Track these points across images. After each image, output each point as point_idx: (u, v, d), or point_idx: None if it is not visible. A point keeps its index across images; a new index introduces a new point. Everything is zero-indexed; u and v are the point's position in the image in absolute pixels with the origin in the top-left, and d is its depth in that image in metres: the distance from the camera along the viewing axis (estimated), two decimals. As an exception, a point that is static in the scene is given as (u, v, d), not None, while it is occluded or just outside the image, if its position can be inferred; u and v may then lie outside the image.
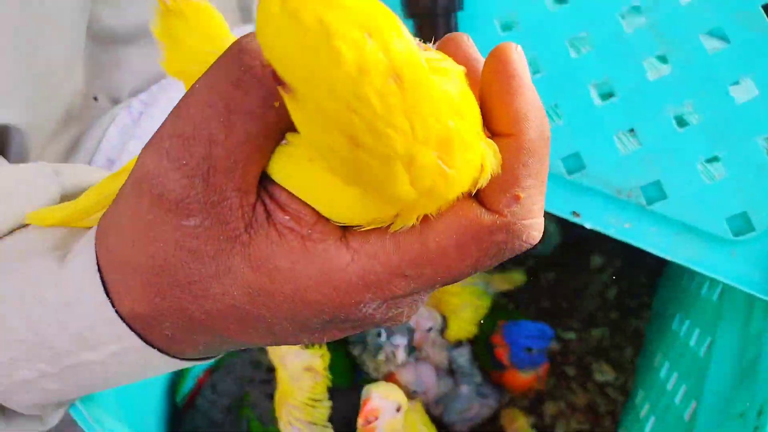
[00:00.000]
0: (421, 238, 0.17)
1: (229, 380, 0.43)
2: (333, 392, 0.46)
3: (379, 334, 0.48)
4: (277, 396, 0.42)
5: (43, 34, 0.39)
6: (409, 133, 0.14)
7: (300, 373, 0.42)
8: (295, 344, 0.26)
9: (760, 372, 0.32)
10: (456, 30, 0.39)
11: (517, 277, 0.58)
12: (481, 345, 0.52)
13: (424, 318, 0.52)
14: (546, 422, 0.52)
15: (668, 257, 0.35)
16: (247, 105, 0.16)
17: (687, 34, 0.35)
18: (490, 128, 0.17)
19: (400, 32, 0.13)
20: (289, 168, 0.17)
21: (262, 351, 0.45)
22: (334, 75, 0.12)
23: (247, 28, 0.48)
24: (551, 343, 0.50)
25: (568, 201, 0.37)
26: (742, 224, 0.34)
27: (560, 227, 0.62)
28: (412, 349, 0.50)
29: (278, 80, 0.13)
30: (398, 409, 0.40)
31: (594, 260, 0.65)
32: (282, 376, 0.42)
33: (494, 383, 0.52)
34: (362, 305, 0.18)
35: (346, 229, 0.18)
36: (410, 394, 0.49)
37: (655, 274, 0.61)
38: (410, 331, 0.50)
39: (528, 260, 0.64)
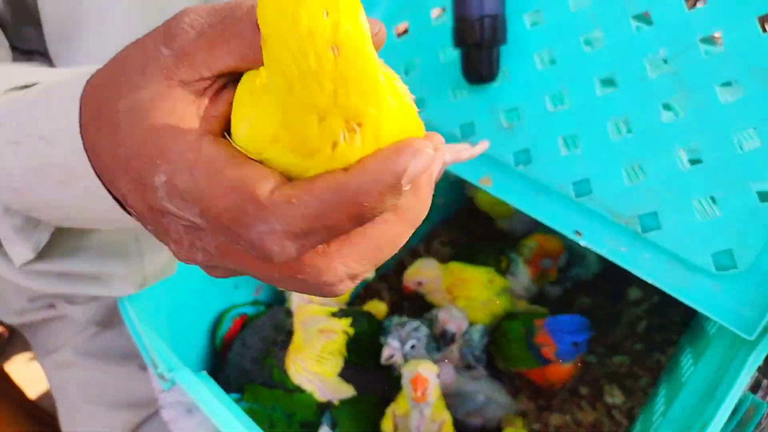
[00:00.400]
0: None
1: (256, 338, 0.51)
2: (359, 368, 0.53)
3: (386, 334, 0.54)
4: (289, 350, 0.50)
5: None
6: (331, 96, 0.17)
7: (314, 334, 0.50)
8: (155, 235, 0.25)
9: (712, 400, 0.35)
10: (499, 61, 0.45)
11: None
12: (519, 345, 0.56)
13: (458, 319, 0.58)
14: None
15: (655, 283, 0.39)
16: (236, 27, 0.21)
17: (703, 84, 0.39)
18: None
19: (356, 21, 0.17)
20: (248, 83, 0.21)
21: (288, 315, 0.53)
22: (290, 32, 0.17)
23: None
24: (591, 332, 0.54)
25: (573, 221, 0.42)
26: (726, 260, 0.37)
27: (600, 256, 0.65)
28: (436, 347, 0.55)
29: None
30: (438, 375, 0.47)
31: (632, 292, 0.66)
32: (297, 336, 0.50)
33: (527, 380, 0.57)
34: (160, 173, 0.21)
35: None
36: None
37: (689, 316, 0.62)
38: (427, 336, 0.55)
39: (567, 281, 0.67)
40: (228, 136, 0.22)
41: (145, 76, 0.22)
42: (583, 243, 0.41)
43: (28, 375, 1.32)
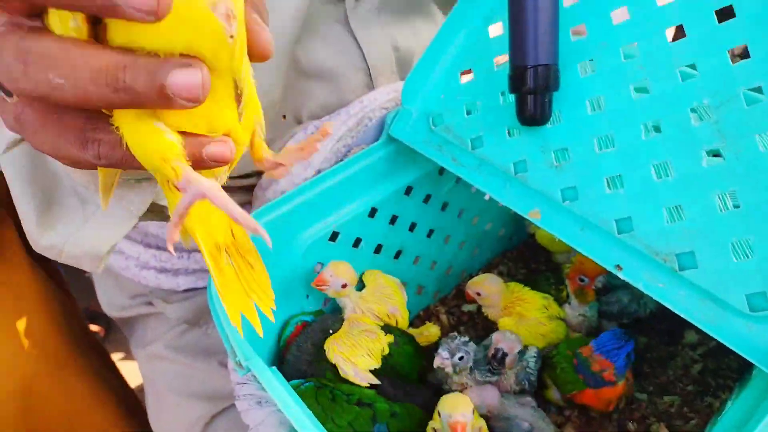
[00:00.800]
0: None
1: (308, 342, 0.57)
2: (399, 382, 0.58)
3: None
4: (330, 338, 0.56)
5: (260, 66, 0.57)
6: None
7: (357, 332, 0.55)
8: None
9: None
10: (551, 106, 0.49)
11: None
12: (568, 363, 0.59)
13: (513, 342, 0.61)
14: (593, 463, 0.57)
15: (690, 319, 0.41)
16: None
17: (745, 133, 0.41)
18: None
19: None
20: None
21: (337, 321, 0.59)
22: None
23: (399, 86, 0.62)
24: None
25: (615, 255, 0.45)
26: (760, 302, 0.39)
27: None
28: (489, 369, 0.58)
29: None
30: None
31: (689, 335, 0.67)
32: (342, 330, 0.56)
33: (575, 411, 0.60)
34: None
35: None
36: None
37: (748, 363, 0.61)
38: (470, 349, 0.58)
39: (623, 317, 0.68)
40: None
41: None
42: (622, 276, 0.43)
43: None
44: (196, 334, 0.70)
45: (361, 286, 0.63)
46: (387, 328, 0.60)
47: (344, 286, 0.59)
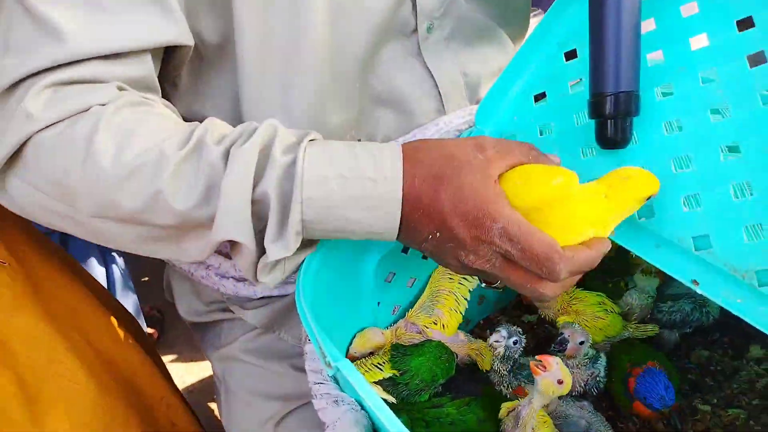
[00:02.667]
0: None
1: None
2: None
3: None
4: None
5: (333, 93, 0.61)
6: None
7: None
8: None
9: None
10: (631, 131, 0.51)
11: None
12: (618, 376, 0.61)
13: (578, 333, 0.63)
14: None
15: (771, 333, 0.43)
16: None
17: (824, 156, 0.43)
18: None
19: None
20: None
21: None
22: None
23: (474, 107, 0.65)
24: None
25: (691, 271, 0.47)
26: (843, 319, 0.40)
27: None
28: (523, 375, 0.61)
29: None
30: (560, 382, 0.54)
31: (753, 350, 0.68)
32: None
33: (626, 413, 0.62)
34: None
35: None
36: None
37: (814, 379, 0.62)
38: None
39: (686, 326, 0.69)
40: None
41: (471, 167, 0.45)
42: (699, 291, 0.45)
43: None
44: (270, 339, 0.73)
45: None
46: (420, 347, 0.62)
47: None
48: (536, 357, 0.54)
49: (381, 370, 0.59)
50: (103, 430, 0.63)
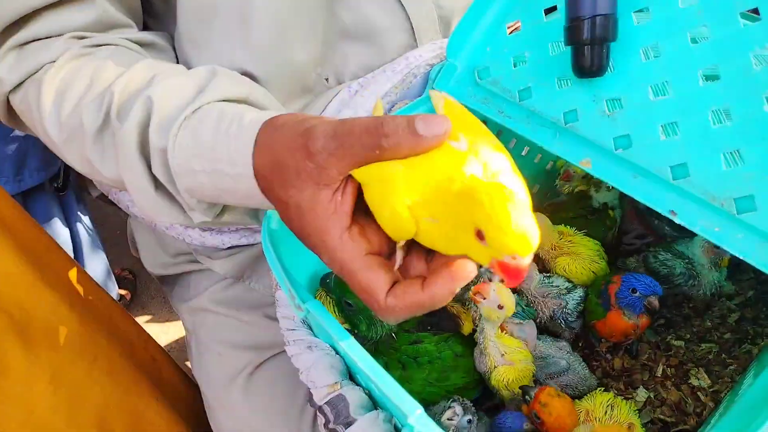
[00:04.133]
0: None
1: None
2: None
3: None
4: None
5: (296, 26, 0.57)
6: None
7: None
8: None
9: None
10: (608, 57, 0.49)
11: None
12: (595, 290, 0.62)
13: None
14: (634, 407, 0.59)
15: (748, 260, 0.42)
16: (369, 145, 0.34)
17: (806, 77, 0.41)
18: None
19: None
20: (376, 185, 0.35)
21: None
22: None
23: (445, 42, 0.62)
24: (653, 298, 0.58)
25: (669, 201, 0.45)
26: (821, 242, 0.39)
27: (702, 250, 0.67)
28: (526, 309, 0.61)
29: None
30: (500, 307, 0.52)
31: (726, 287, 0.68)
32: None
33: (597, 335, 0.62)
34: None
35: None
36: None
37: (785, 311, 0.63)
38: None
39: (666, 282, 0.69)
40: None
41: (300, 179, 0.36)
42: (677, 221, 0.44)
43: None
44: (240, 289, 0.71)
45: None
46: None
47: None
48: (472, 288, 0.54)
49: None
50: (91, 360, 0.65)
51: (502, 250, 0.30)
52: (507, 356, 0.55)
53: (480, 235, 0.30)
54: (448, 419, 0.57)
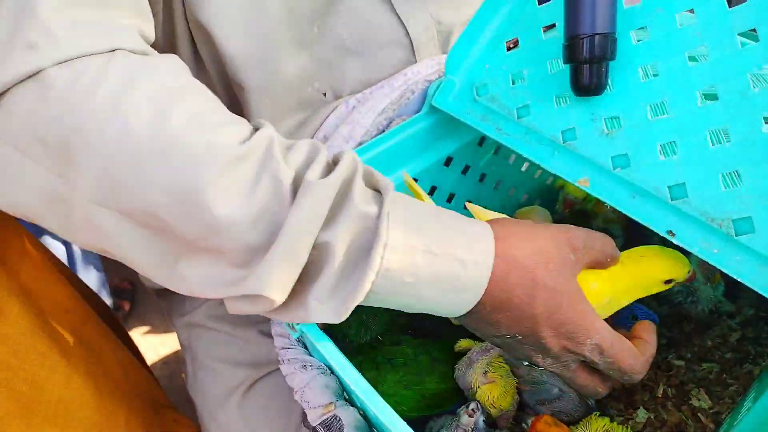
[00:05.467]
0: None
1: None
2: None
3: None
4: None
5: (281, 38, 0.56)
6: None
7: None
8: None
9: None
10: (607, 76, 0.49)
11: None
12: None
13: None
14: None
15: (747, 283, 0.41)
16: None
17: (805, 99, 0.41)
18: None
19: None
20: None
21: None
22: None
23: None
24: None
25: (667, 222, 0.45)
26: (820, 266, 0.39)
27: (697, 266, 0.66)
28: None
29: None
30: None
31: (724, 305, 0.67)
32: None
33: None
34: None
35: None
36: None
37: (787, 330, 0.62)
38: None
39: (676, 308, 0.68)
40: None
41: (564, 269, 0.42)
42: (675, 242, 0.44)
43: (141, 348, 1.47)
44: (237, 305, 0.71)
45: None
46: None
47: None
48: None
49: None
50: None
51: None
52: (488, 375, 0.54)
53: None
54: (468, 416, 0.54)
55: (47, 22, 0.33)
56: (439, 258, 0.38)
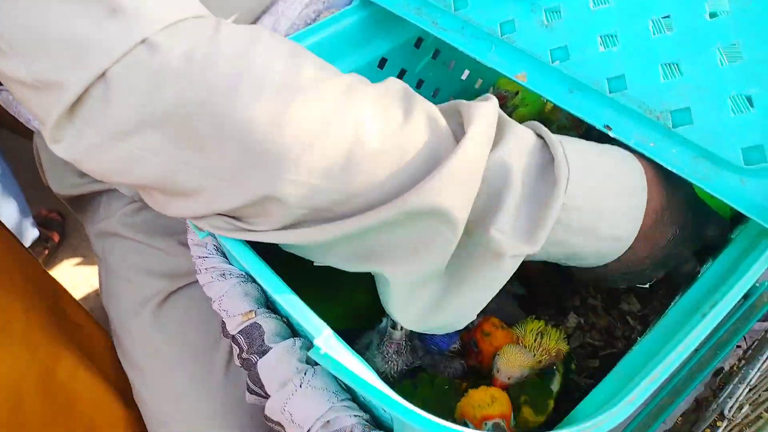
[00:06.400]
0: None
1: None
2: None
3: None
4: None
5: None
6: None
7: None
8: None
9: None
10: None
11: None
12: None
13: None
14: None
15: (683, 175, 0.40)
16: None
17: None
18: None
19: None
20: None
21: None
22: None
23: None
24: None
25: (605, 115, 0.43)
26: (756, 156, 0.38)
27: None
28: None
29: None
30: None
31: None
32: None
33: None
34: None
35: None
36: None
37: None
38: None
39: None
40: None
41: None
42: (612, 135, 0.42)
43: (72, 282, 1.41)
44: (152, 213, 0.66)
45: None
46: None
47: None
48: None
49: None
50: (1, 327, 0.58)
51: None
52: None
53: None
54: (391, 327, 0.52)
55: None
56: (608, 162, 0.41)
